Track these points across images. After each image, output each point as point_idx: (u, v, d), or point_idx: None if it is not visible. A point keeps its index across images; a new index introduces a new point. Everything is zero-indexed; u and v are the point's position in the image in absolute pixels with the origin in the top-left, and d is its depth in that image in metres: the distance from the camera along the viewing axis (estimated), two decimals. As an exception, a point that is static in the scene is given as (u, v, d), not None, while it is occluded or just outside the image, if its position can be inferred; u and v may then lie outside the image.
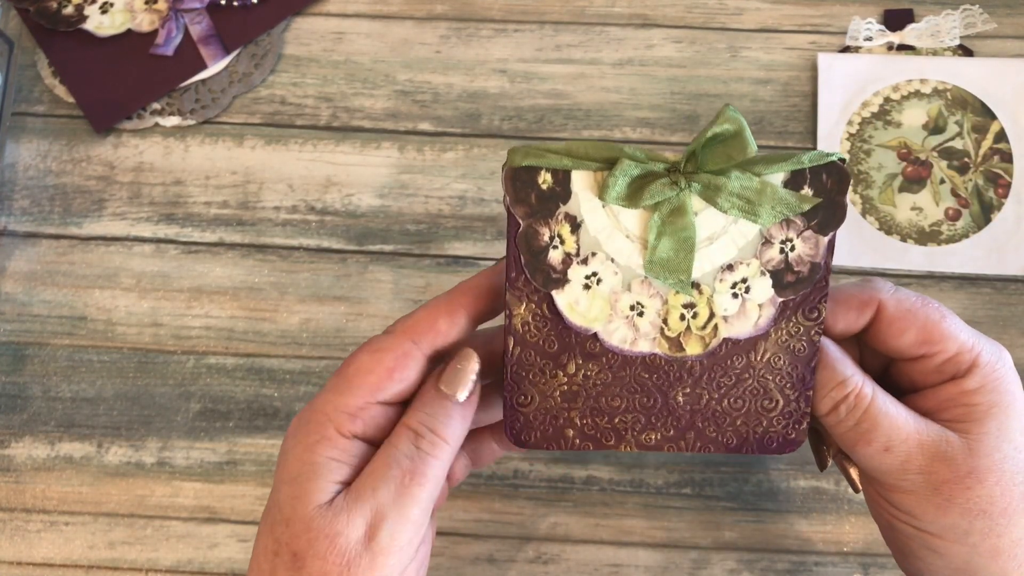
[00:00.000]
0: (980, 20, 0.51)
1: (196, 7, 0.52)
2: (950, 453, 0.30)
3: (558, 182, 0.30)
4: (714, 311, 0.31)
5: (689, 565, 0.44)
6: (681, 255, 0.30)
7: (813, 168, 0.30)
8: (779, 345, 0.31)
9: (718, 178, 0.29)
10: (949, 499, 0.30)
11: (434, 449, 0.29)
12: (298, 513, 0.28)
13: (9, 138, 0.51)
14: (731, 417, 0.33)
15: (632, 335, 0.31)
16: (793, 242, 0.30)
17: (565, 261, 0.31)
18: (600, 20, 0.52)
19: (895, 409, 0.30)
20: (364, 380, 0.30)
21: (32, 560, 0.45)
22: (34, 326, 0.48)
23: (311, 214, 0.49)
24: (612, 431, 0.33)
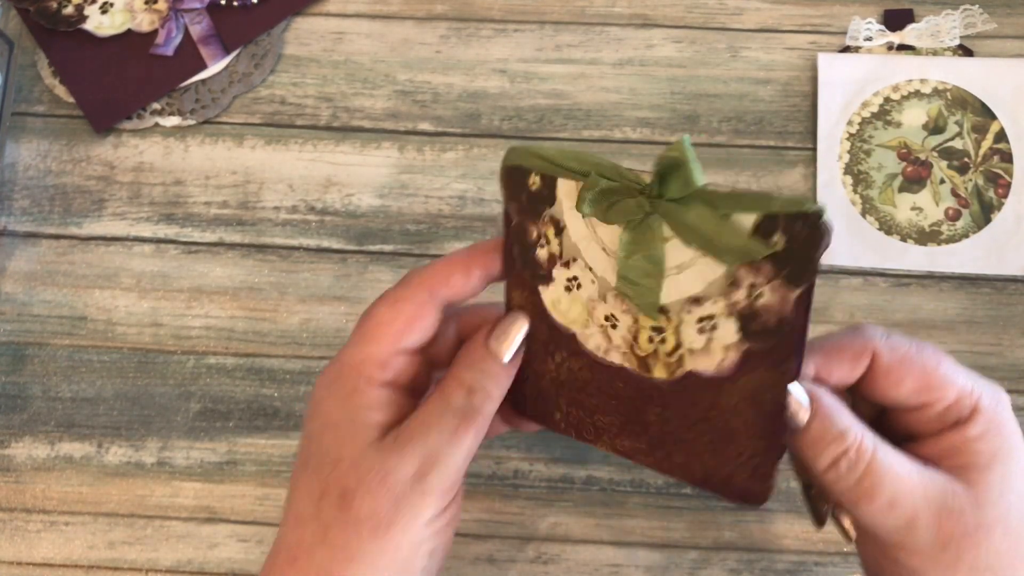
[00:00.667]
0: (980, 20, 0.51)
1: (196, 7, 0.52)
2: (958, 506, 0.28)
3: (545, 185, 0.31)
4: (681, 341, 0.29)
5: (689, 565, 0.44)
6: (648, 278, 0.29)
7: (787, 216, 0.26)
8: (746, 394, 0.29)
9: (678, 208, 0.28)
10: (958, 557, 0.28)
11: (484, 404, 0.30)
12: (346, 453, 0.29)
13: (9, 138, 0.51)
14: (698, 451, 0.31)
15: (606, 344, 0.31)
16: (761, 290, 0.27)
17: (550, 260, 0.31)
18: (600, 20, 0.52)
19: (899, 461, 0.28)
20: (387, 331, 0.31)
21: (32, 560, 0.45)
22: (34, 326, 0.48)
23: (311, 214, 0.49)
24: (592, 427, 0.33)
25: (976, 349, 0.46)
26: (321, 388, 0.31)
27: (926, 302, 0.47)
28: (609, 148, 0.50)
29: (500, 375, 0.31)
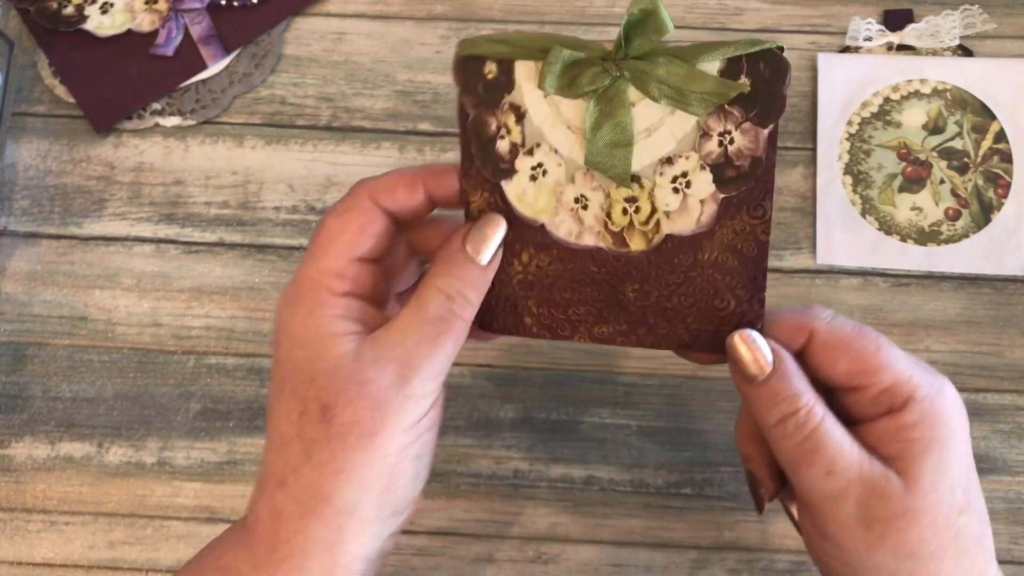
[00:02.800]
0: (980, 20, 0.51)
1: (196, 7, 0.52)
2: (888, 491, 0.29)
3: (503, 72, 0.30)
4: (656, 206, 0.30)
5: (689, 565, 0.44)
6: (619, 147, 0.30)
7: (750, 56, 0.28)
8: (725, 244, 0.30)
9: (646, 64, 0.29)
10: (881, 537, 0.29)
11: (463, 310, 0.30)
12: (320, 368, 0.29)
13: (9, 138, 0.51)
14: (681, 315, 0.31)
15: (577, 228, 0.31)
16: (732, 135, 0.29)
17: (512, 151, 0.31)
18: (600, 20, 0.52)
19: (842, 435, 0.30)
20: (338, 240, 0.31)
21: (32, 560, 0.45)
22: (34, 326, 0.48)
23: (311, 214, 0.49)
24: (567, 322, 0.32)
25: (976, 349, 0.47)
26: (283, 308, 0.31)
27: (926, 302, 0.47)
28: (609, 148, 0.50)
29: (478, 279, 0.31)
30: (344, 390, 0.29)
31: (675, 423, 0.46)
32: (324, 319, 0.30)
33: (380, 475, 0.29)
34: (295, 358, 0.30)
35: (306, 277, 0.31)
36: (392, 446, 0.29)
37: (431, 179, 0.32)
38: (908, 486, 0.29)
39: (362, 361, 0.29)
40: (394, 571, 0.44)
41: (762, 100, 0.28)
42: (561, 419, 0.46)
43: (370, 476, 0.29)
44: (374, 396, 0.28)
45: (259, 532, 0.30)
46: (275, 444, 0.30)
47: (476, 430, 0.46)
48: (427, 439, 0.30)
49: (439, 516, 0.45)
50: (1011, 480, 0.45)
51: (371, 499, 0.29)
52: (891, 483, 0.29)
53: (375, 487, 0.29)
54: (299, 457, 0.29)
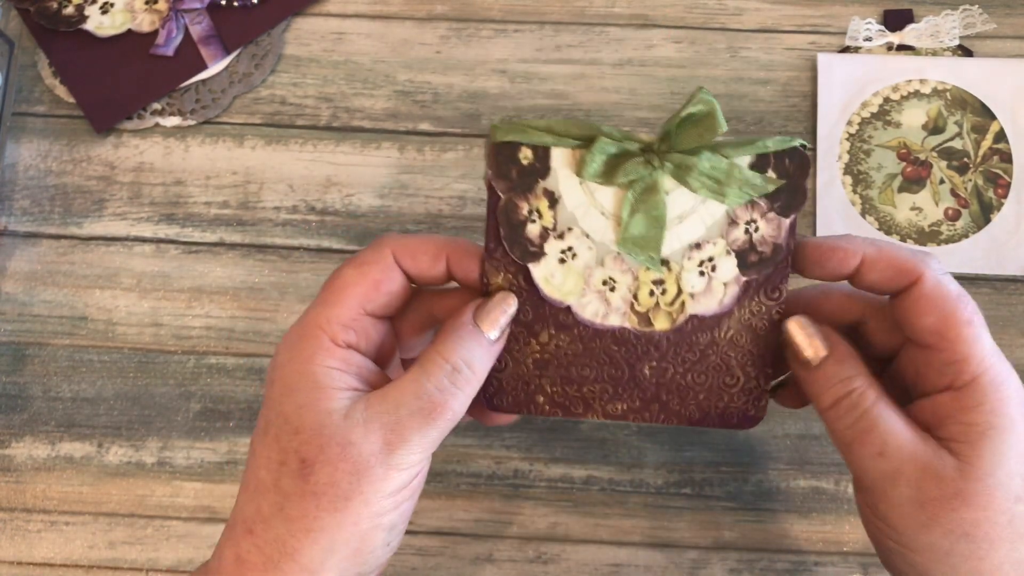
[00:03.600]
0: (980, 20, 0.51)
1: (196, 7, 0.52)
2: (942, 472, 0.29)
3: (538, 158, 0.31)
4: (682, 288, 0.32)
5: (689, 565, 0.44)
6: (652, 232, 0.31)
7: (777, 153, 0.31)
8: (742, 323, 0.32)
9: (689, 158, 0.30)
10: (933, 517, 0.29)
11: (467, 385, 0.30)
12: (307, 421, 0.28)
13: (9, 138, 0.51)
14: (694, 391, 0.33)
15: (604, 309, 0.32)
16: (757, 223, 0.31)
17: (542, 235, 0.32)
18: (600, 20, 0.52)
19: (896, 417, 0.30)
20: (352, 292, 0.31)
21: (32, 560, 0.45)
22: (34, 326, 0.48)
23: (311, 214, 0.50)
24: (580, 400, 0.34)
25: (976, 349, 0.47)
26: (283, 351, 0.31)
27: (926, 302, 0.47)
28: (609, 148, 0.50)
29: (485, 354, 0.31)
30: (326, 448, 0.28)
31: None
32: (321, 369, 0.29)
33: (350, 539, 0.28)
34: (285, 404, 0.29)
35: (312, 322, 0.30)
36: (366, 512, 0.28)
37: (455, 256, 0.32)
38: (962, 468, 0.29)
39: (350, 421, 0.28)
40: (394, 571, 0.44)
41: (787, 193, 0.31)
42: (561, 419, 0.46)
43: (339, 539, 0.28)
44: (355, 460, 0.28)
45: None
46: (250, 488, 0.29)
47: (476, 430, 0.46)
48: (404, 509, 0.30)
49: (439, 516, 0.45)
50: (1011, 480, 0.45)
51: (336, 562, 0.28)
52: (945, 464, 0.29)
53: (343, 551, 0.28)
54: (271, 508, 0.28)
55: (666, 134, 0.31)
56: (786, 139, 0.31)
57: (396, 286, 0.31)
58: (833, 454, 0.45)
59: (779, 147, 0.31)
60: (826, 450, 0.45)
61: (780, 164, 0.31)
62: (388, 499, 0.29)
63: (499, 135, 0.31)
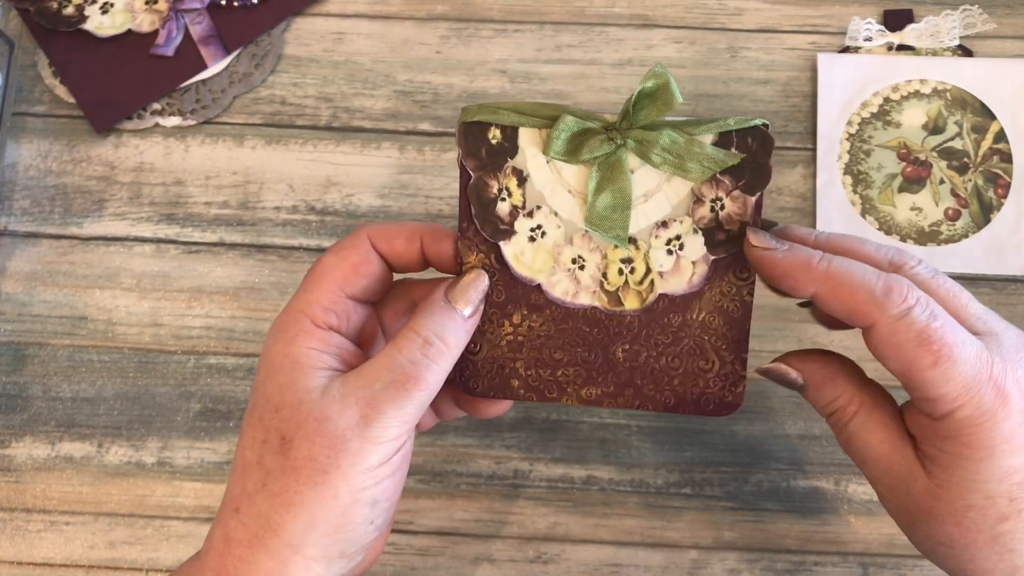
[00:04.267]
0: (980, 20, 0.51)
1: (196, 7, 0.52)
2: (913, 490, 0.30)
3: (506, 138, 0.32)
4: (650, 266, 0.32)
5: (689, 565, 0.44)
6: (618, 211, 0.31)
7: (739, 131, 0.31)
8: (713, 305, 0.33)
9: (650, 134, 0.31)
10: (911, 525, 0.30)
11: (439, 357, 0.30)
12: (287, 399, 0.29)
13: (9, 138, 0.51)
14: (668, 376, 0.33)
15: (574, 288, 0.33)
16: (722, 201, 0.32)
17: (512, 213, 0.32)
18: (600, 20, 0.52)
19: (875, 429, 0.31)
20: (332, 276, 0.32)
21: (32, 560, 0.45)
22: (34, 326, 0.48)
23: (311, 214, 0.50)
24: (555, 384, 0.34)
25: (976, 349, 0.47)
26: (270, 335, 0.31)
27: (926, 302, 0.47)
28: (609, 148, 0.50)
29: (458, 328, 0.31)
30: (304, 424, 0.29)
31: (675, 423, 0.46)
32: (302, 349, 0.30)
33: (329, 514, 0.29)
34: (267, 385, 0.30)
35: (294, 307, 0.31)
36: (345, 487, 0.29)
37: (429, 238, 0.33)
38: (933, 490, 0.29)
39: (327, 397, 0.29)
40: (394, 571, 0.44)
41: (750, 171, 0.32)
42: (561, 419, 0.46)
43: (319, 514, 0.28)
44: (332, 434, 0.28)
45: (210, 559, 0.30)
46: (237, 469, 0.30)
47: (476, 430, 0.46)
48: (387, 486, 0.30)
49: (439, 516, 0.45)
50: (1011, 480, 0.45)
51: (318, 537, 0.29)
52: (917, 484, 0.30)
53: (323, 526, 0.29)
54: (255, 485, 0.29)
55: (626, 112, 0.31)
56: (746, 119, 0.31)
57: (374, 268, 0.32)
58: (833, 454, 0.45)
59: (740, 126, 0.31)
60: (826, 450, 0.45)
61: (743, 142, 0.31)
62: (367, 474, 0.29)
63: (468, 116, 0.32)
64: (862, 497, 0.44)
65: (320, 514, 0.29)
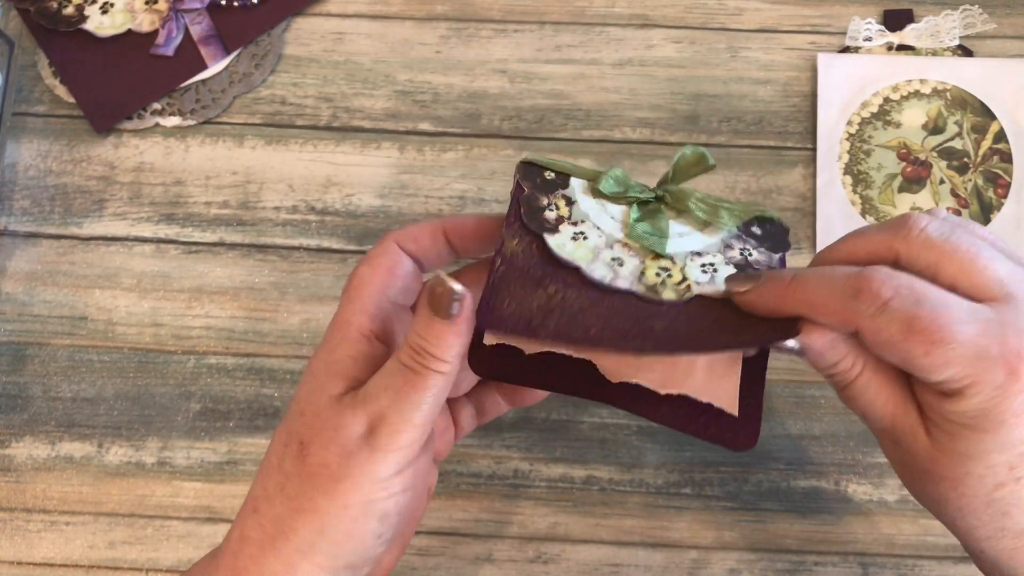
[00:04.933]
0: (980, 20, 0.51)
1: (196, 7, 0.52)
2: (913, 449, 0.29)
3: (559, 177, 0.35)
4: (686, 276, 0.33)
5: (689, 565, 0.44)
6: (655, 235, 0.34)
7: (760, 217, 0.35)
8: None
9: (686, 188, 0.35)
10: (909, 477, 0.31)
11: (432, 363, 0.30)
12: (311, 405, 0.30)
13: (9, 138, 0.51)
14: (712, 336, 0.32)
15: (612, 275, 0.32)
16: (751, 251, 0.34)
17: (558, 219, 0.34)
18: (600, 20, 0.52)
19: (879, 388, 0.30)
20: (370, 283, 0.32)
21: (32, 560, 0.45)
22: (34, 326, 0.48)
23: (311, 214, 0.50)
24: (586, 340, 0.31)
25: (976, 349, 0.46)
26: (317, 347, 0.32)
27: (926, 302, 0.47)
28: (609, 148, 0.50)
29: (443, 334, 0.30)
30: (322, 431, 0.29)
31: (675, 423, 0.46)
32: (339, 356, 0.31)
33: (339, 523, 0.29)
34: (301, 389, 0.31)
35: (339, 318, 0.32)
36: (355, 498, 0.29)
37: (451, 228, 0.34)
38: (933, 455, 0.29)
39: (342, 406, 0.29)
40: (394, 571, 0.44)
41: (772, 239, 0.35)
42: (561, 419, 0.46)
43: (329, 522, 0.29)
44: (343, 443, 0.29)
45: (225, 557, 0.30)
46: (262, 470, 0.31)
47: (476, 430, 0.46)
48: (399, 500, 0.30)
49: (439, 516, 0.45)
50: (1011, 480, 0.45)
51: (326, 546, 0.29)
52: (918, 445, 0.29)
53: (333, 535, 0.29)
54: (275, 488, 0.30)
55: (664, 179, 0.35)
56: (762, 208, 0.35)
57: (408, 269, 0.33)
58: (833, 454, 0.45)
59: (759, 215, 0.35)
60: (826, 450, 0.45)
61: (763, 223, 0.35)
62: (377, 485, 0.29)
63: (528, 157, 0.35)
64: (862, 497, 0.44)
65: (330, 523, 0.29)
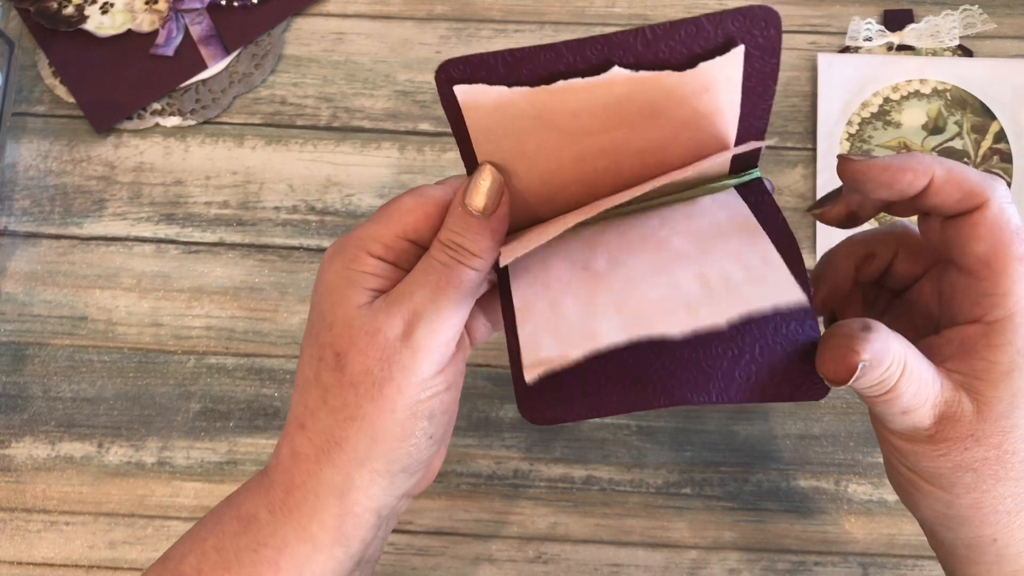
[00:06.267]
0: (980, 20, 0.51)
1: (196, 7, 0.52)
2: (958, 415, 0.29)
3: None
4: None
5: (689, 565, 0.44)
6: None
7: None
8: None
9: None
10: (946, 453, 0.30)
11: (466, 259, 0.30)
12: (339, 316, 0.30)
13: (9, 138, 0.51)
14: None
15: None
16: None
17: None
18: (600, 20, 0.52)
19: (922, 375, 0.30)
20: (403, 218, 0.31)
21: (32, 560, 0.45)
22: (35, 326, 0.48)
23: (311, 214, 0.50)
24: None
25: (976, 349, 0.47)
26: (325, 259, 0.32)
27: (926, 302, 0.47)
28: (609, 148, 0.50)
29: (480, 229, 0.31)
30: (356, 339, 0.29)
31: (675, 423, 0.46)
32: (355, 272, 0.30)
33: (390, 427, 0.29)
34: (321, 304, 0.31)
35: (355, 235, 0.31)
36: (401, 400, 0.29)
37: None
38: (979, 410, 0.29)
39: (374, 311, 0.29)
40: (394, 571, 0.44)
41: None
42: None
43: (380, 427, 0.29)
44: (382, 347, 0.29)
45: (278, 473, 0.30)
46: (299, 387, 0.31)
47: (476, 430, 0.46)
48: (443, 399, 0.31)
49: (439, 516, 0.45)
50: (1011, 480, 0.45)
51: (381, 451, 0.29)
52: (963, 408, 0.29)
53: (385, 439, 0.29)
54: (316, 402, 0.30)
55: None
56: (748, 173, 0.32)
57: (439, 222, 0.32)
58: (833, 454, 0.45)
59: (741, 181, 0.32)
60: (826, 450, 0.45)
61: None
62: (421, 385, 0.30)
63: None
64: (862, 497, 0.44)
65: (381, 428, 0.29)
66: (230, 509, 0.31)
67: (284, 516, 0.30)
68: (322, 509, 0.30)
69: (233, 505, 0.32)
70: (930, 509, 0.31)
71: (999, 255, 0.29)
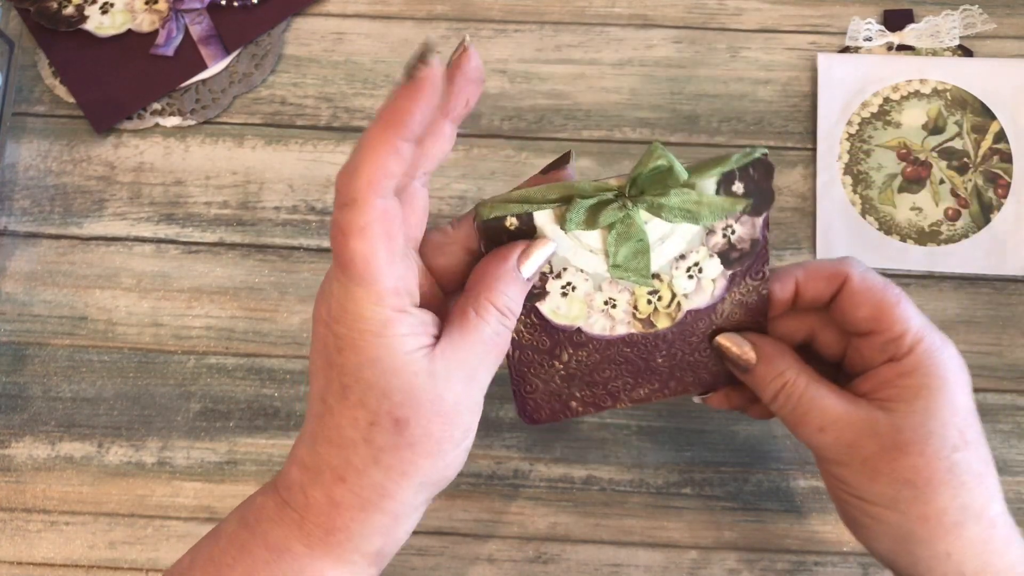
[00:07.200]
0: (980, 20, 0.51)
1: (196, 7, 0.52)
2: (877, 428, 0.33)
3: (522, 223, 0.32)
4: (675, 292, 0.35)
5: (689, 565, 0.44)
6: (638, 258, 0.34)
7: (741, 167, 0.33)
8: (733, 303, 0.36)
9: (659, 199, 0.33)
10: (876, 469, 0.33)
11: (512, 324, 0.33)
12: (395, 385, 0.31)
13: (9, 138, 0.51)
14: (704, 364, 0.37)
15: (610, 324, 0.36)
16: (732, 227, 0.34)
17: (542, 279, 0.34)
18: (600, 20, 0.52)
19: (828, 395, 0.34)
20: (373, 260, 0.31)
21: (32, 560, 0.45)
22: (34, 326, 0.48)
23: (311, 214, 0.50)
24: (608, 395, 0.38)
25: (976, 349, 0.47)
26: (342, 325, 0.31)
27: (926, 302, 0.47)
28: (609, 148, 0.50)
29: (523, 294, 0.33)
30: (420, 407, 0.31)
31: (675, 423, 0.46)
32: (396, 339, 0.31)
33: (439, 472, 0.32)
34: (366, 374, 0.31)
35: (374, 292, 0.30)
36: (453, 451, 0.32)
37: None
38: (896, 423, 0.33)
39: (435, 379, 0.31)
40: (394, 571, 0.44)
41: (755, 197, 0.34)
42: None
43: (431, 475, 0.31)
44: (446, 412, 0.31)
45: (314, 516, 0.31)
46: (336, 442, 0.31)
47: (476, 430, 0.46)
48: (472, 436, 0.33)
49: (439, 516, 0.45)
50: (1011, 480, 0.45)
51: (429, 492, 0.32)
52: (879, 422, 0.33)
53: (432, 482, 0.32)
54: (364, 460, 0.31)
55: (634, 179, 0.32)
56: (747, 152, 0.33)
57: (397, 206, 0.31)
58: (833, 454, 0.45)
59: (742, 162, 0.33)
60: (826, 450, 0.45)
61: (745, 175, 0.33)
62: (466, 433, 0.32)
63: (484, 213, 0.32)
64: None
65: (432, 476, 0.32)
66: (254, 537, 0.32)
67: (323, 551, 0.31)
68: (366, 544, 0.31)
69: (257, 533, 0.32)
70: (885, 535, 0.34)
71: (881, 308, 0.34)
